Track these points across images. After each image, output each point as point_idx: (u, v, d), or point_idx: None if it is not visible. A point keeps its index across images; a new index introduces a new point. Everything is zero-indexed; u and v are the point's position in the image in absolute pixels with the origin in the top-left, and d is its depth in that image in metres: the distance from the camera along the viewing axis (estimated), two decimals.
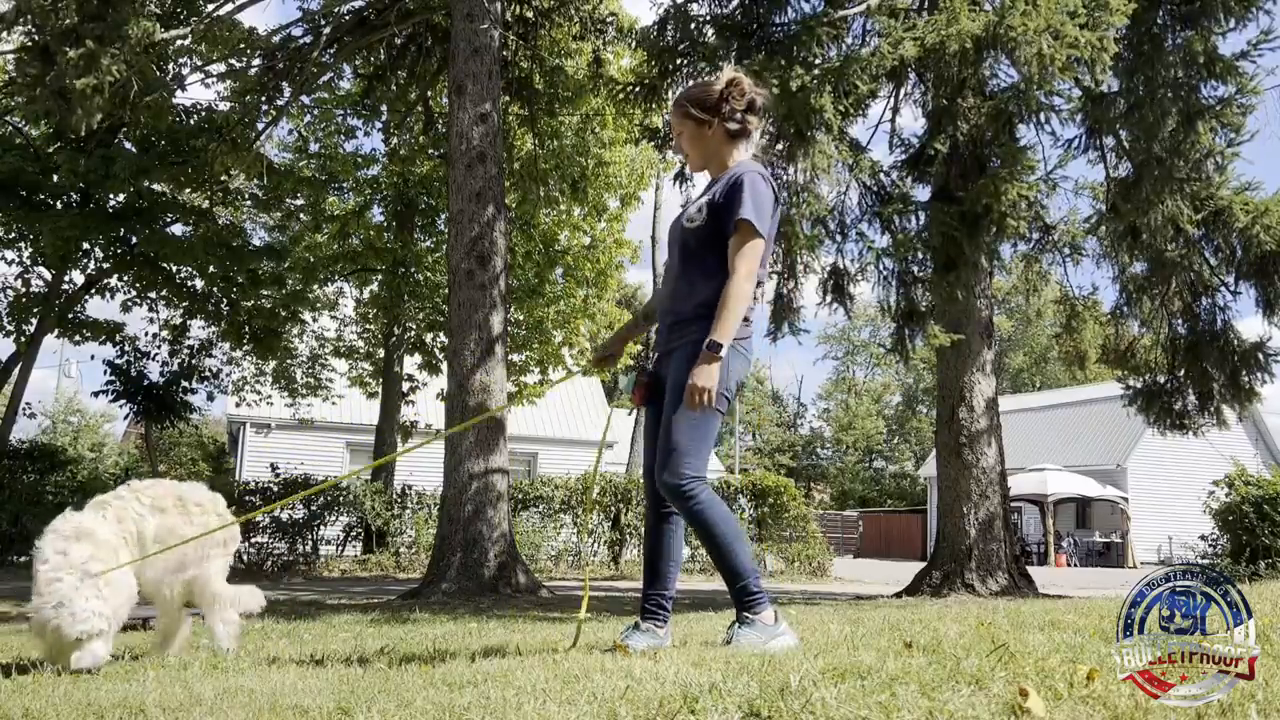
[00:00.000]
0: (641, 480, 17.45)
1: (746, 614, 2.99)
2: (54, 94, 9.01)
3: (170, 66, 12.94)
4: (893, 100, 9.81)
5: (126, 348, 17.18)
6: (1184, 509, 21.03)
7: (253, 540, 15.59)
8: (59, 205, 14.65)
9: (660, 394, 3.16)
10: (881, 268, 9.12)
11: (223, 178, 13.63)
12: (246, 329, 16.15)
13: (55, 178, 13.92)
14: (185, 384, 17.72)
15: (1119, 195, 8.96)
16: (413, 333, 18.37)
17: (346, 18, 12.22)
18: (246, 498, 15.82)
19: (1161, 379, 10.24)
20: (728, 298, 2.97)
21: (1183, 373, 10.04)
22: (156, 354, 17.57)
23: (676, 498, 2.99)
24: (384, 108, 16.48)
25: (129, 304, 16.32)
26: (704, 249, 3.11)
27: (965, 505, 9.16)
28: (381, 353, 19.13)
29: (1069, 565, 25.71)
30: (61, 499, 15.07)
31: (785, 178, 9.35)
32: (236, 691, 2.56)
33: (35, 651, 3.65)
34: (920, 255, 8.92)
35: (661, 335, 3.23)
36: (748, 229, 3.01)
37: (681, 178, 9.90)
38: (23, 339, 15.26)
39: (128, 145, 14.53)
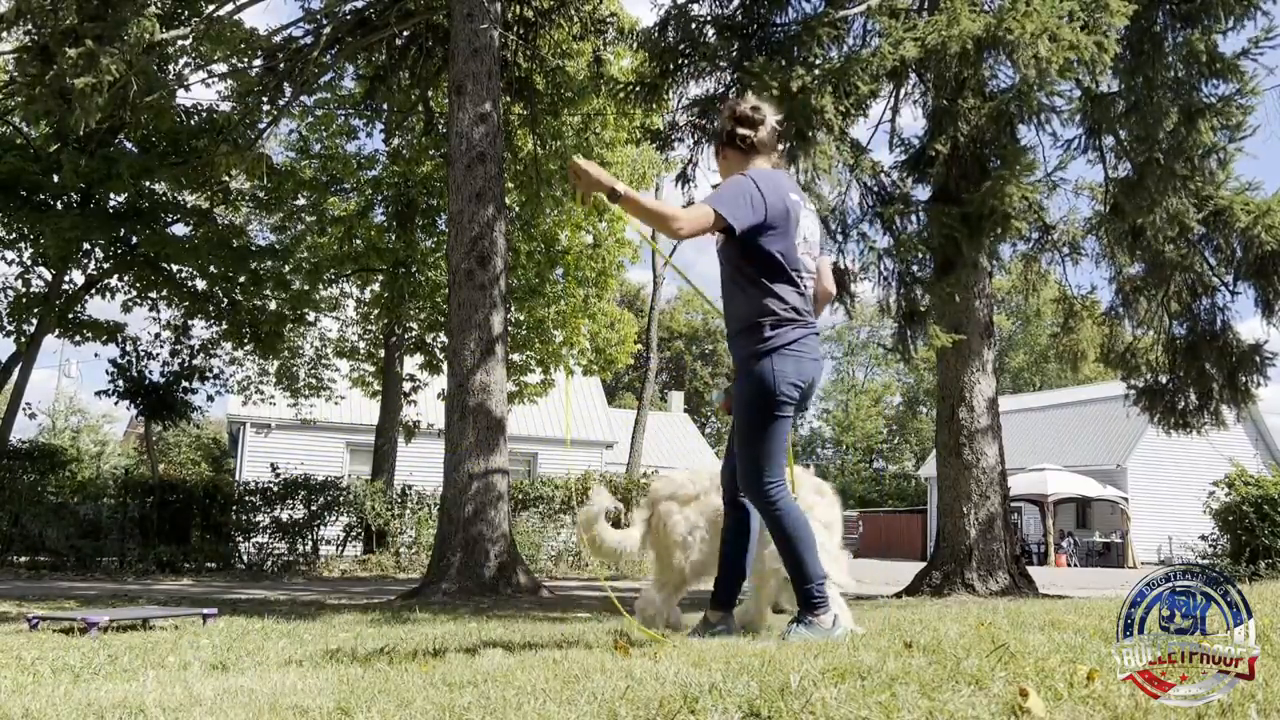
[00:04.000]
0: (638, 479, 17.46)
1: (808, 615, 3.16)
2: (54, 94, 9.00)
3: (171, 67, 12.95)
4: (893, 100, 9.79)
5: (128, 348, 17.18)
6: (1184, 509, 21.01)
7: (253, 540, 15.59)
8: (60, 206, 14.64)
9: None
10: (882, 268, 9.10)
11: (224, 178, 13.61)
12: (248, 329, 16.13)
13: (56, 178, 13.91)
14: (186, 384, 17.71)
15: (1122, 195, 8.94)
16: (414, 333, 18.36)
17: (347, 17, 12.21)
18: (247, 497, 15.82)
19: (1164, 379, 10.23)
20: (656, 204, 3.11)
21: (1183, 373, 10.05)
22: (158, 354, 17.58)
23: (758, 505, 3.21)
24: (385, 107, 16.47)
25: (129, 304, 16.32)
26: (727, 265, 3.23)
27: (965, 505, 9.14)
28: (382, 353, 19.12)
29: (1069, 565, 25.68)
30: (62, 499, 15.06)
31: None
32: (236, 691, 2.56)
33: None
34: (921, 255, 8.91)
35: None
36: (702, 204, 3.09)
37: (683, 178, 9.87)
38: (23, 339, 15.26)
39: (128, 145, 14.52)
